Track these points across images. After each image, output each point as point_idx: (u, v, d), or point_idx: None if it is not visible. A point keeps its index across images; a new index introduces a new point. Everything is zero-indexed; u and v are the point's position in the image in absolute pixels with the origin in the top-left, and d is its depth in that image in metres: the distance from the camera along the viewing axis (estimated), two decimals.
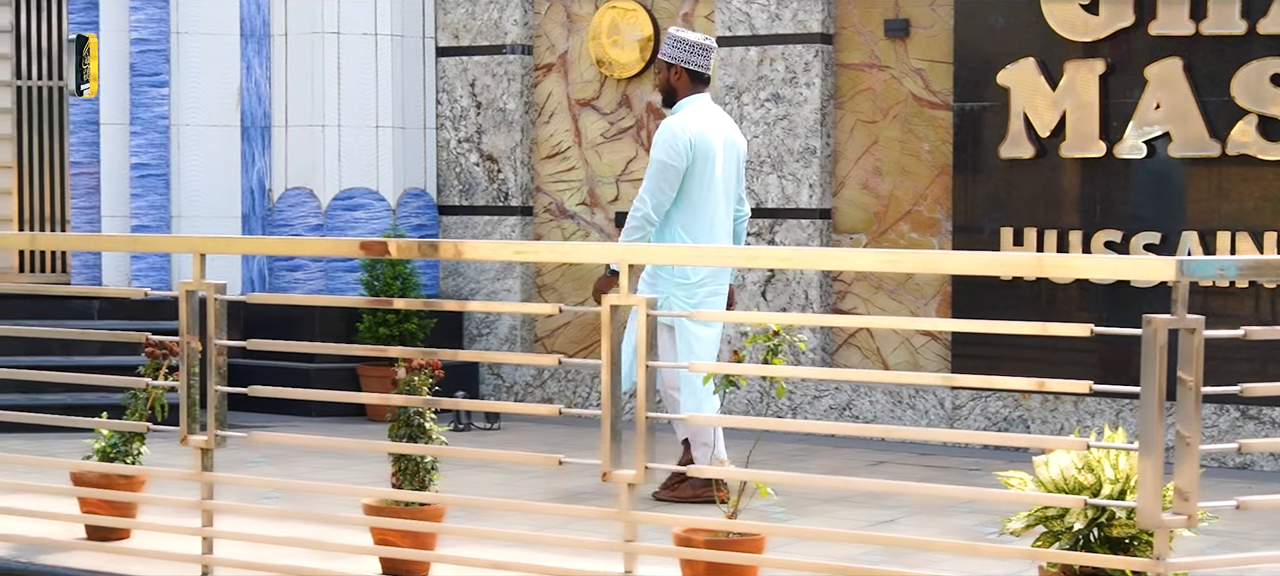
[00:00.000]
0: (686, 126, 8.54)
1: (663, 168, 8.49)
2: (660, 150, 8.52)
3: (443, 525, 6.71)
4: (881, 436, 6.31)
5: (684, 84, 8.69)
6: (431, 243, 6.83)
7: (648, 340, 7.71)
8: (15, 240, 11.56)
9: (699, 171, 8.53)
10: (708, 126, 8.60)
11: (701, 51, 8.67)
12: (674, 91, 8.72)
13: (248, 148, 12.11)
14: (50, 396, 10.71)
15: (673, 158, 8.48)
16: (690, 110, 8.64)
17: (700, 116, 8.62)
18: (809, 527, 7.43)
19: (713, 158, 8.58)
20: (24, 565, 6.98)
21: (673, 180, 8.49)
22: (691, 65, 8.66)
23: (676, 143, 8.49)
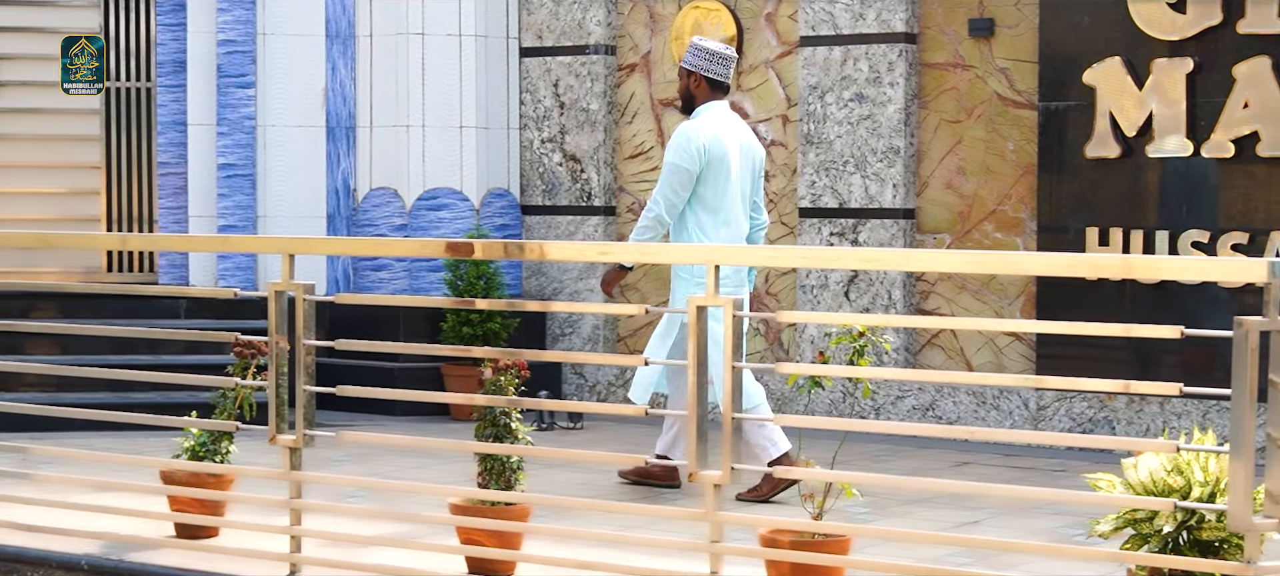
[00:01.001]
0: (700, 131, 8.72)
1: (675, 170, 8.68)
2: (673, 153, 8.73)
3: (528, 525, 6.73)
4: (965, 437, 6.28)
5: (703, 91, 8.88)
6: (516, 243, 6.86)
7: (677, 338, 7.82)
8: (106, 241, 11.68)
9: (713, 176, 8.71)
10: (722, 132, 8.77)
11: (721, 61, 8.87)
12: (692, 98, 8.91)
13: (333, 148, 12.19)
14: (138, 395, 10.80)
15: (685, 160, 8.66)
16: (706, 116, 8.82)
17: (715, 122, 8.80)
18: (894, 529, 7.41)
19: (727, 163, 8.75)
20: (114, 563, 7.05)
21: (686, 182, 8.67)
22: (711, 73, 8.85)
23: (690, 146, 8.68)
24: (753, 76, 11.52)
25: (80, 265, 12.30)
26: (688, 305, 6.01)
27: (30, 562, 7.24)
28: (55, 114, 12.29)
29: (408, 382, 11.64)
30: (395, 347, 6.92)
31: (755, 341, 11.55)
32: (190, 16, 12.02)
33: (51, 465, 8.62)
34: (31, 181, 12.29)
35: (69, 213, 12.27)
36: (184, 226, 12.11)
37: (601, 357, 6.36)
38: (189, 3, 12.00)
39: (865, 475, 6.27)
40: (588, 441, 10.65)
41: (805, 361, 11.12)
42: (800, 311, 11.00)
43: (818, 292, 11.15)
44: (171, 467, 7.32)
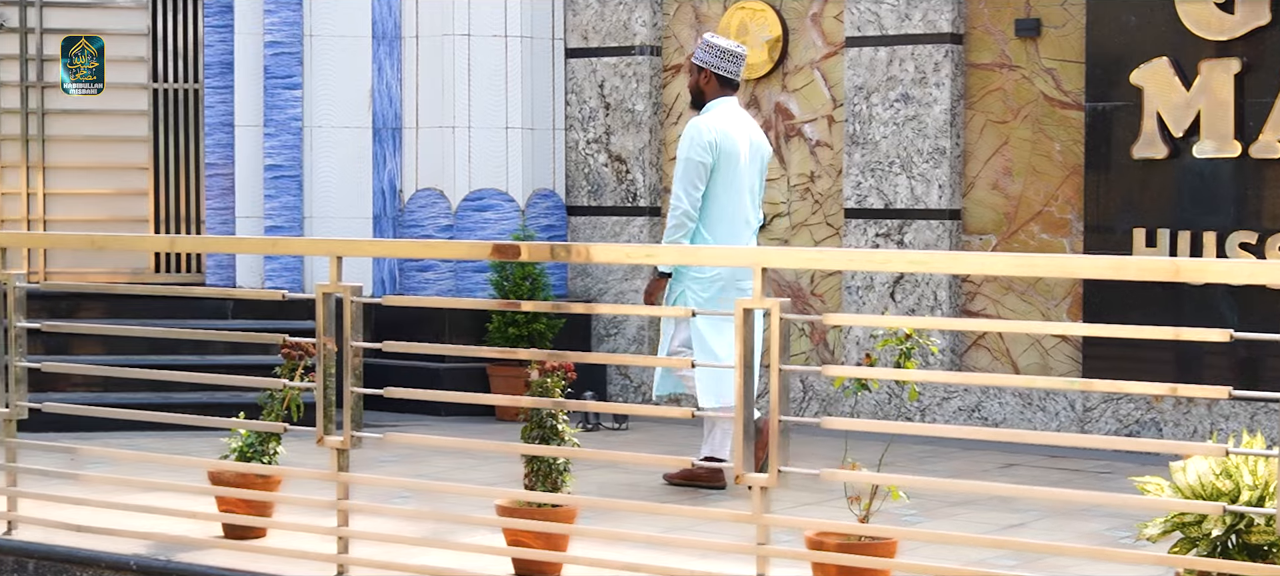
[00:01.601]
0: (710, 126, 8.87)
1: (690, 164, 8.80)
2: (686, 148, 8.84)
3: (575, 526, 6.74)
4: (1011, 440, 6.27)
5: (713, 87, 9.04)
6: (563, 245, 6.87)
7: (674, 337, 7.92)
8: (156, 242, 11.73)
9: (723, 171, 8.84)
10: (732, 128, 8.91)
11: (732, 58, 9.02)
12: (702, 94, 9.06)
13: (379, 149, 12.22)
14: (184, 395, 10.85)
15: (698, 153, 8.80)
16: (716, 112, 8.97)
17: (725, 118, 8.93)
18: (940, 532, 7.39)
19: (737, 159, 8.89)
20: (163, 563, 7.08)
21: (701, 174, 8.80)
22: (721, 70, 9.01)
23: (701, 139, 8.81)
24: (798, 77, 11.51)
25: (127, 266, 12.36)
26: (735, 308, 6.00)
27: (80, 563, 7.28)
28: (103, 115, 12.35)
29: (453, 383, 11.67)
30: (442, 349, 6.93)
31: (800, 343, 11.54)
32: (237, 18, 12.07)
33: (99, 465, 8.67)
34: (80, 182, 12.35)
35: (117, 213, 12.33)
36: (231, 227, 12.16)
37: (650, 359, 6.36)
38: (236, 4, 12.05)
39: (912, 478, 6.26)
40: (632, 442, 10.66)
41: (851, 363, 11.11)
42: (846, 314, 10.99)
43: (863, 293, 11.14)
44: (219, 468, 7.35)
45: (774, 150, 11.56)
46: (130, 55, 12.35)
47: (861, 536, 6.12)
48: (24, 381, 7.64)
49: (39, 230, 12.23)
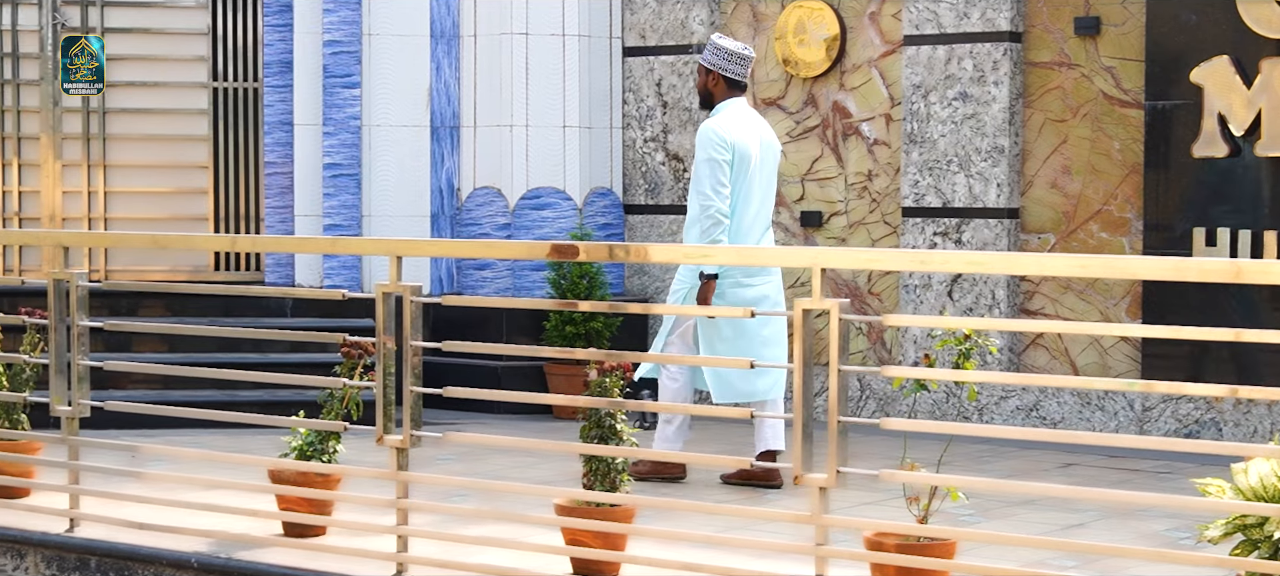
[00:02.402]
0: (723, 126, 8.95)
1: (713, 164, 8.87)
2: (705, 149, 8.91)
3: (633, 526, 6.75)
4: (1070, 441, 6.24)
5: (721, 89, 9.12)
6: (621, 245, 6.88)
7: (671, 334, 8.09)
8: (217, 242, 11.80)
9: (736, 172, 8.93)
10: (743, 129, 9.00)
11: (739, 60, 9.08)
12: (711, 95, 9.15)
13: (437, 147, 12.26)
14: (243, 393, 10.90)
15: (717, 152, 8.88)
16: (726, 113, 9.05)
17: (735, 119, 9.02)
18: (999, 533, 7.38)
19: (749, 159, 8.97)
20: (224, 561, 7.12)
21: (726, 172, 8.87)
22: (728, 72, 9.09)
23: (716, 138, 8.89)
24: (856, 76, 11.49)
25: (187, 264, 12.44)
26: (795, 309, 6.00)
27: (141, 560, 7.33)
28: (164, 114, 12.43)
29: (511, 381, 11.70)
30: (502, 349, 6.95)
31: (858, 342, 11.53)
32: (297, 17, 12.13)
33: (160, 463, 8.73)
34: (140, 181, 12.43)
35: (177, 211, 12.41)
36: (290, 225, 12.22)
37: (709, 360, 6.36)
38: (295, 4, 12.11)
39: (971, 479, 6.25)
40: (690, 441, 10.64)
41: (908, 362, 11.09)
42: (905, 315, 10.98)
43: (921, 292, 11.11)
44: (280, 467, 7.38)
45: (831, 148, 11.56)
46: (190, 54, 12.42)
47: (920, 537, 6.11)
48: (86, 379, 7.70)
49: (100, 228, 12.31)
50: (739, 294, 8.98)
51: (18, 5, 12.27)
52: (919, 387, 6.21)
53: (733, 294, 8.97)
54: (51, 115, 12.23)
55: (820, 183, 11.61)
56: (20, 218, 12.32)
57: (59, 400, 7.70)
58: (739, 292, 8.99)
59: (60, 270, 7.73)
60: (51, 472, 8.16)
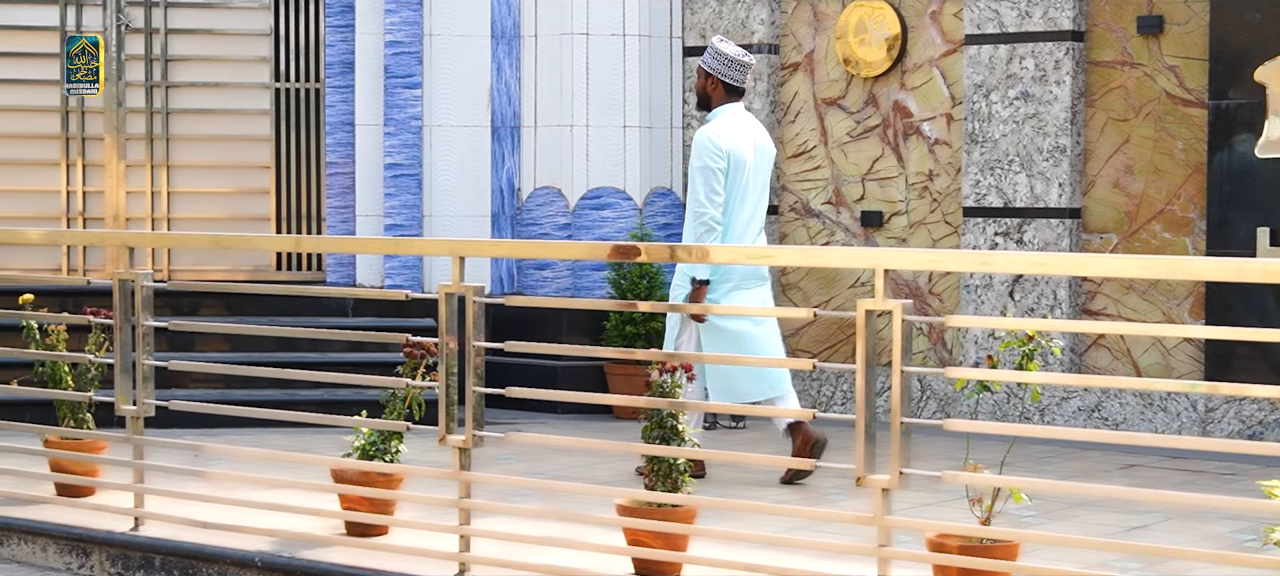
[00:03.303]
0: (719, 133, 9.10)
1: (707, 172, 9.03)
2: (700, 157, 9.06)
3: (694, 526, 6.76)
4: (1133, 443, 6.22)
5: (719, 94, 9.25)
6: (682, 246, 6.88)
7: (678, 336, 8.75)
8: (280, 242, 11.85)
9: (732, 176, 9.08)
10: (738, 134, 9.14)
11: (738, 67, 9.20)
12: (709, 99, 9.29)
13: (497, 148, 12.29)
14: (304, 393, 10.94)
15: (713, 160, 9.03)
16: (722, 118, 9.19)
17: (731, 124, 9.16)
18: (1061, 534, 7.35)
19: (744, 163, 9.12)
20: (287, 560, 7.16)
21: (720, 180, 9.04)
22: (726, 77, 9.22)
23: (713, 147, 9.04)
24: (917, 75, 11.46)
25: (248, 264, 12.50)
26: (858, 310, 5.99)
27: (205, 559, 7.38)
28: (227, 115, 12.49)
29: (570, 381, 11.71)
30: (563, 349, 6.97)
31: (918, 342, 11.50)
32: (358, 18, 12.17)
33: (223, 462, 8.77)
34: (203, 181, 12.50)
35: (238, 211, 12.47)
36: (351, 225, 12.27)
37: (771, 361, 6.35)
38: (357, 4, 12.16)
39: (1035, 480, 6.22)
40: (750, 442, 10.66)
41: (969, 362, 11.06)
42: (968, 316, 10.95)
43: (982, 292, 11.08)
44: (342, 466, 7.41)
45: (892, 148, 11.53)
46: (253, 55, 12.48)
47: (983, 538, 6.09)
48: (151, 379, 7.74)
49: (163, 228, 12.38)
50: (739, 298, 9.17)
51: (82, 6, 12.34)
52: (982, 389, 6.19)
53: (733, 298, 9.15)
54: (116, 116, 12.32)
55: (880, 182, 11.59)
56: (84, 218, 12.40)
57: (124, 400, 7.75)
58: (739, 297, 9.18)
59: (125, 270, 7.77)
60: (116, 471, 8.21)
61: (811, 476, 9.08)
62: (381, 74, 12.14)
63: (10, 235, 10.41)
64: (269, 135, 12.50)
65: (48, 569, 7.81)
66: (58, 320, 8.46)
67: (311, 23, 12.44)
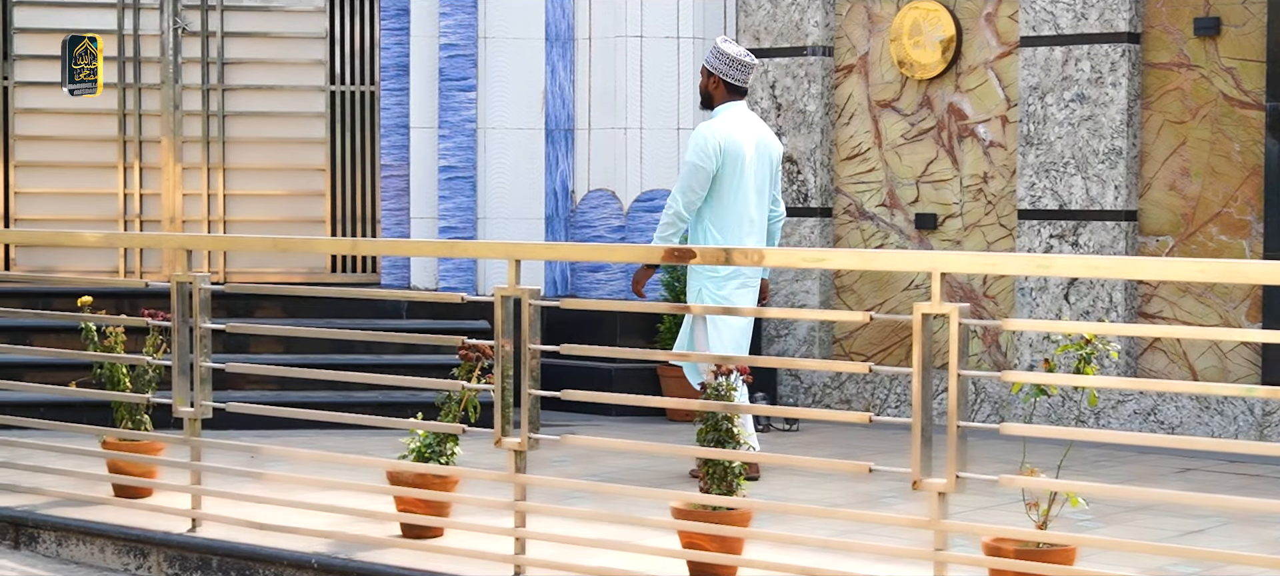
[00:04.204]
0: (716, 131, 9.24)
1: (693, 169, 9.19)
2: (691, 153, 9.23)
3: (750, 529, 6.75)
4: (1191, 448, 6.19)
5: (721, 93, 9.41)
6: (739, 250, 6.87)
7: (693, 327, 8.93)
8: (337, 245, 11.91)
9: (728, 173, 9.22)
10: (738, 132, 9.27)
11: (740, 67, 9.35)
12: (711, 98, 9.46)
13: (551, 150, 12.31)
14: (360, 394, 10.98)
15: (701, 159, 9.19)
16: (723, 116, 9.35)
17: (731, 122, 9.30)
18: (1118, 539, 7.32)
19: (742, 161, 9.25)
20: (343, 561, 7.18)
21: (702, 180, 9.19)
22: (728, 77, 9.37)
23: (706, 145, 9.20)
24: (971, 77, 11.44)
25: (303, 266, 12.55)
26: (914, 313, 5.99)
27: (262, 560, 7.41)
28: (283, 117, 12.54)
29: (624, 383, 11.72)
30: (617, 352, 6.98)
31: (973, 344, 11.47)
32: (413, 21, 12.21)
33: (279, 464, 8.81)
34: (259, 183, 12.56)
35: (294, 214, 12.52)
36: (405, 228, 12.31)
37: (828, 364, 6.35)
38: (412, 8, 12.20)
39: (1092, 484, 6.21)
40: (804, 444, 10.65)
41: (1024, 365, 11.03)
42: (1025, 319, 10.92)
43: (1037, 295, 11.05)
44: (398, 468, 7.43)
45: (946, 150, 11.51)
46: (308, 58, 12.54)
47: (1040, 542, 6.07)
48: (209, 381, 7.78)
49: (219, 231, 12.44)
50: (736, 293, 9.32)
51: (140, 10, 12.42)
52: (1039, 393, 6.18)
53: (727, 292, 9.31)
54: (172, 118, 12.39)
55: (935, 185, 11.57)
56: (141, 220, 12.47)
57: (182, 401, 7.79)
58: (736, 292, 9.33)
59: (183, 273, 7.81)
60: (173, 473, 8.26)
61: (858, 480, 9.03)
62: (436, 77, 12.18)
63: (69, 238, 10.48)
64: (324, 138, 12.55)
65: (106, 569, 7.86)
66: (116, 322, 8.51)
67: (367, 26, 12.49)
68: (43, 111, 12.50)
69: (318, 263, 12.58)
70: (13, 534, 8.16)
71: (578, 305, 7.00)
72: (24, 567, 7.86)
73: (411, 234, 12.24)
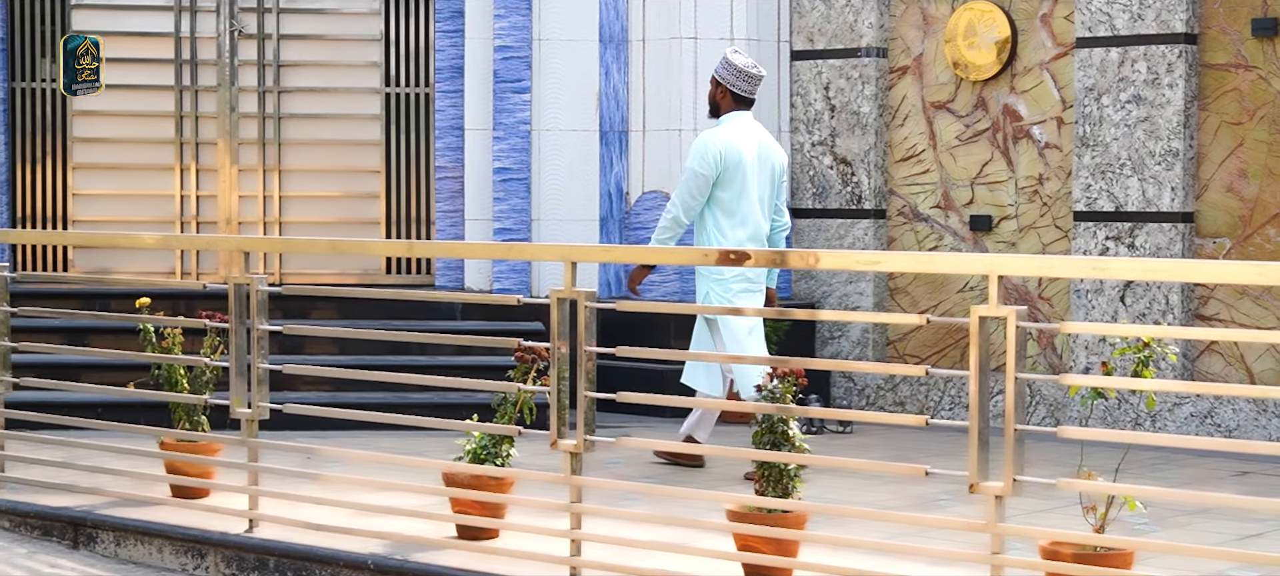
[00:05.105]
0: (718, 139, 9.50)
1: (693, 175, 9.49)
2: (692, 160, 9.51)
3: (805, 532, 6.74)
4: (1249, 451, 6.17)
5: (727, 102, 9.66)
6: (797, 252, 6.86)
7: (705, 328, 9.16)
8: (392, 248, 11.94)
9: (730, 181, 9.48)
10: (741, 140, 9.52)
11: (747, 78, 9.59)
12: (718, 107, 9.70)
13: (606, 152, 12.32)
14: (414, 396, 11.00)
15: (702, 166, 9.47)
16: (728, 126, 9.60)
17: (735, 131, 9.55)
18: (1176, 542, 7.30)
19: (743, 169, 9.50)
20: (399, 562, 7.20)
21: (702, 187, 9.47)
22: (735, 88, 9.62)
23: (707, 153, 9.48)
24: (1027, 78, 11.40)
25: (357, 267, 12.60)
26: (971, 316, 5.97)
27: (319, 561, 7.43)
28: (338, 119, 12.59)
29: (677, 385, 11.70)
30: (672, 354, 6.98)
31: (1028, 347, 11.43)
32: (468, 23, 12.24)
33: (335, 465, 8.84)
34: (314, 185, 12.60)
35: (349, 215, 12.57)
36: (460, 230, 12.34)
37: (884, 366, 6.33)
38: (467, 9, 12.23)
39: (1148, 488, 6.18)
40: (857, 446, 10.64)
41: (1080, 367, 10.99)
42: (1083, 322, 10.88)
43: (1092, 297, 11.01)
44: (454, 470, 7.45)
45: (1001, 152, 11.48)
46: (363, 60, 12.58)
47: (1097, 546, 6.05)
48: (266, 382, 7.81)
49: (274, 232, 12.50)
50: (741, 296, 9.55)
51: (196, 13, 12.48)
52: (1096, 396, 6.16)
53: (730, 295, 9.54)
54: (228, 120, 12.45)
55: (990, 187, 11.54)
56: (197, 222, 12.54)
57: (239, 402, 7.82)
58: (740, 295, 9.56)
59: (241, 274, 7.85)
60: (229, 473, 8.29)
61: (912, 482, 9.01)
62: (491, 79, 12.20)
63: (127, 239, 10.54)
64: (379, 140, 12.59)
65: (164, 569, 7.90)
66: (174, 324, 8.56)
67: (421, 28, 12.53)
68: (100, 114, 12.58)
69: (372, 264, 12.62)
70: (72, 533, 8.21)
71: (633, 307, 7.00)
72: (83, 567, 7.91)
73: (466, 236, 12.27)
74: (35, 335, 10.55)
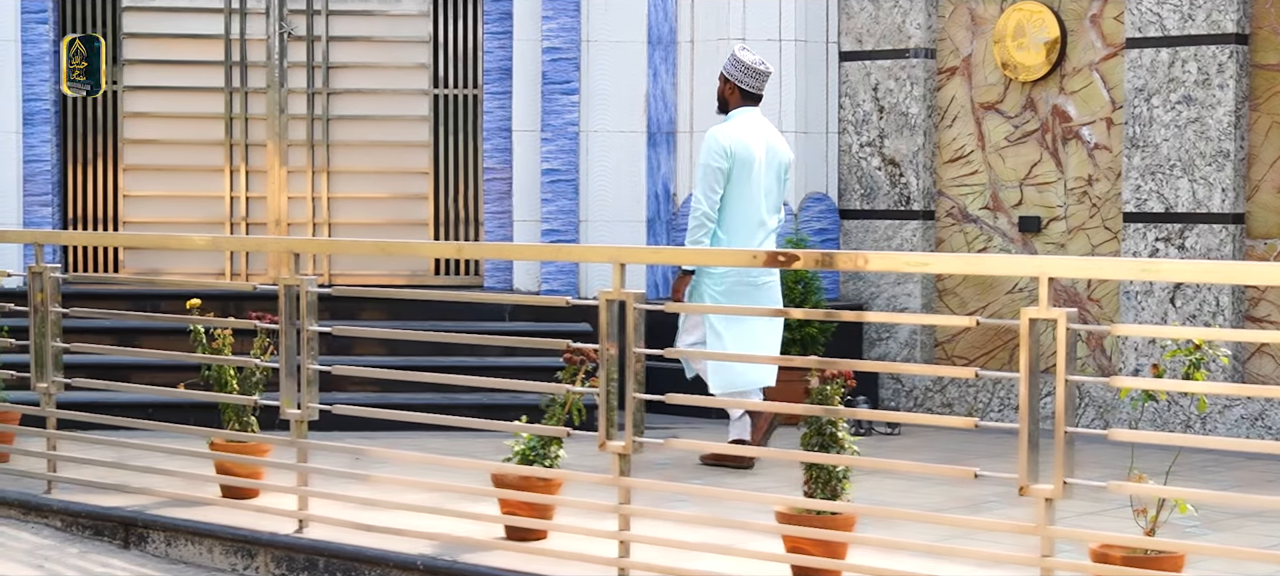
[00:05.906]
0: (727, 133, 9.67)
1: (707, 170, 9.63)
2: (704, 155, 9.66)
3: (854, 534, 6.73)
4: None
5: (735, 98, 9.85)
6: (843, 254, 6.86)
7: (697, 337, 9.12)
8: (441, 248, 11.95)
9: (737, 176, 9.62)
10: (748, 136, 9.68)
11: (754, 75, 9.79)
12: (726, 103, 9.87)
13: (653, 153, 12.33)
14: (462, 396, 11.02)
15: (714, 159, 9.61)
16: (735, 121, 9.76)
17: (742, 127, 9.71)
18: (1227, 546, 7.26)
19: (751, 164, 9.65)
20: (448, 563, 7.22)
21: (718, 179, 9.60)
22: (743, 84, 9.81)
23: (717, 146, 9.62)
24: (1076, 79, 11.36)
25: (406, 268, 12.63)
26: (1021, 318, 5.95)
27: (368, 561, 7.46)
28: (386, 121, 12.63)
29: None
30: (720, 355, 6.98)
31: (1078, 348, 11.38)
32: (516, 25, 12.27)
33: (384, 465, 8.86)
34: (362, 186, 12.64)
35: (397, 216, 12.60)
36: (508, 231, 12.36)
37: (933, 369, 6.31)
38: (515, 11, 12.25)
39: (1199, 491, 6.15)
40: (906, 448, 10.62)
41: (1129, 369, 10.95)
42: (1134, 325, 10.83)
43: (1142, 299, 10.96)
44: (503, 471, 7.46)
45: (1050, 153, 11.44)
46: (411, 62, 12.61)
47: (1148, 549, 6.03)
48: (315, 383, 7.84)
49: (323, 233, 12.54)
50: (750, 291, 9.68)
51: (247, 15, 12.53)
52: (1147, 398, 6.13)
53: (743, 290, 9.66)
54: (278, 122, 12.50)
55: (1039, 188, 11.50)
56: (247, 222, 12.59)
57: (288, 403, 7.85)
58: (750, 290, 9.69)
59: (290, 276, 7.87)
60: (279, 474, 8.32)
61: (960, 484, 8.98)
62: (539, 80, 12.22)
63: (177, 241, 10.58)
64: (428, 141, 12.62)
65: (214, 569, 7.94)
66: (224, 324, 8.60)
67: (470, 29, 12.56)
68: (151, 115, 12.66)
69: (421, 265, 12.65)
70: (123, 533, 8.26)
71: (680, 309, 7.00)
72: (134, 567, 7.95)
73: (514, 237, 12.29)
74: (86, 336, 10.60)
